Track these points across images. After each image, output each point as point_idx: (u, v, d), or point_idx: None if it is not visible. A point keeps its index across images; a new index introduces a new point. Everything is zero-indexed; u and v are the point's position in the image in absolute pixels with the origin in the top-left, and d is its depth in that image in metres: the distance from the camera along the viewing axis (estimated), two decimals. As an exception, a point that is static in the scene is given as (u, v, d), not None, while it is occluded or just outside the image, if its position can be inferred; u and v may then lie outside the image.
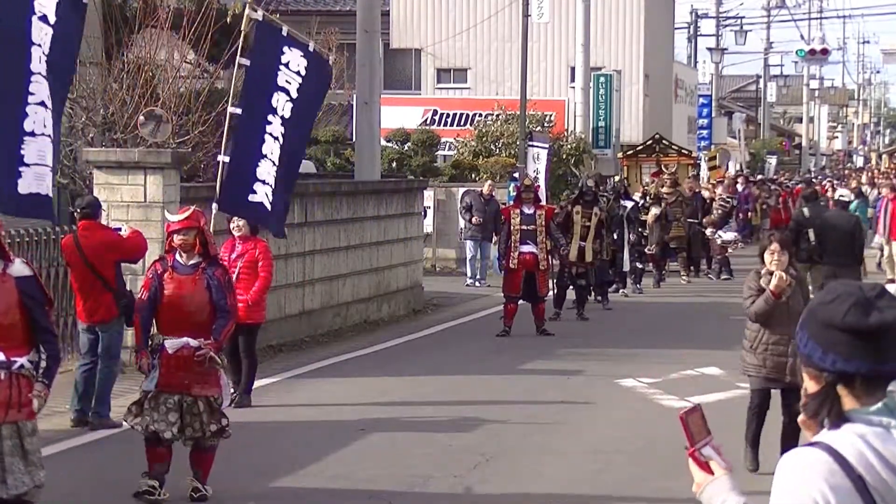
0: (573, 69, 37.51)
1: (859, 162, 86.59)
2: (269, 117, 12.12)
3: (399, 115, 34.75)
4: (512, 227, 18.50)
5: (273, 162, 12.08)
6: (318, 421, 12.61)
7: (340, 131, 33.90)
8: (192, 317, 9.43)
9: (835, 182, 46.92)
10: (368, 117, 22.18)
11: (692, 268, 27.97)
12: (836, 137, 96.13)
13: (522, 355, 16.68)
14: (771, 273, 10.16)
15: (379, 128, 22.94)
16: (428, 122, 37.64)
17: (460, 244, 27.47)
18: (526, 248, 18.35)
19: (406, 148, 31.94)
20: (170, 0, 18.97)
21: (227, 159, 12.04)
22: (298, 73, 12.30)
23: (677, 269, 27.46)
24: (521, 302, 18.49)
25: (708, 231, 27.60)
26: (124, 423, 9.68)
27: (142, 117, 15.34)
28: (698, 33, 58.19)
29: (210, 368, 9.40)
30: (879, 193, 31.48)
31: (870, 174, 54.40)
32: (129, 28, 18.22)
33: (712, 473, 3.37)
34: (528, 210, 18.58)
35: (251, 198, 12.05)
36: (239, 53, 12.54)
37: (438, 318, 21.21)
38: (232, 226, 13.25)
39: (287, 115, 12.20)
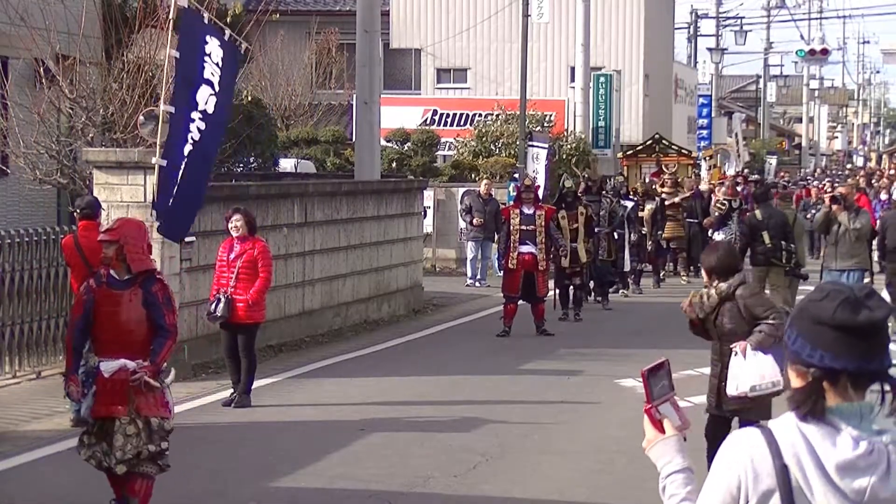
0: (573, 69, 37.52)
1: (859, 162, 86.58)
2: (192, 114, 11.19)
3: (399, 115, 34.78)
4: (511, 228, 18.49)
5: (186, 162, 11.17)
6: (318, 421, 12.62)
7: (340, 131, 33.91)
8: (128, 336, 8.50)
9: (835, 182, 46.84)
10: (368, 117, 22.18)
11: (692, 268, 27.97)
12: (836, 137, 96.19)
13: (522, 355, 16.68)
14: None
15: (379, 128, 22.93)
16: (428, 122, 37.66)
17: (460, 244, 27.47)
18: (525, 249, 18.34)
19: (406, 148, 31.94)
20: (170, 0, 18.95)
21: (163, 163, 11.02)
22: (218, 63, 11.32)
23: (677, 270, 27.47)
24: (521, 302, 18.49)
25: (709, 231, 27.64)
26: (79, 454, 8.79)
27: (142, 117, 15.34)
28: (698, 33, 58.24)
29: (154, 392, 8.50)
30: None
31: (866, 174, 54.36)
32: (129, 28, 18.22)
33: (664, 432, 3.45)
34: (527, 210, 18.57)
35: (171, 203, 11.16)
36: (168, 45, 11.58)
37: (438, 318, 21.21)
38: (230, 226, 13.23)
39: (210, 110, 11.25)
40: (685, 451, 3.47)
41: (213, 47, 11.21)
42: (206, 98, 11.16)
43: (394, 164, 30.62)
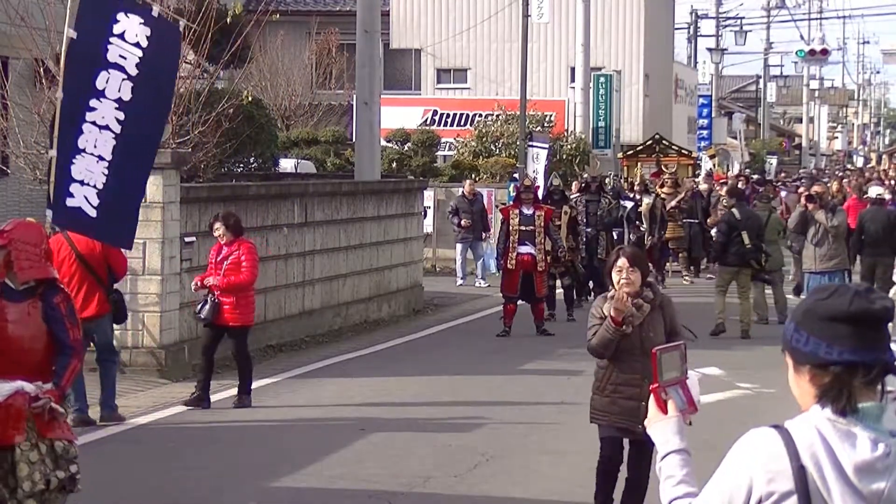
0: (573, 69, 37.55)
1: (859, 162, 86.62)
2: (92, 102, 10.15)
3: (399, 115, 34.78)
4: (511, 228, 18.48)
5: (98, 157, 10.18)
6: (318, 421, 12.62)
7: (340, 131, 33.91)
8: (26, 355, 7.26)
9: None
10: (368, 117, 22.18)
11: (692, 268, 27.98)
12: (836, 138, 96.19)
13: (522, 355, 16.68)
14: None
15: (379, 128, 22.94)
16: (428, 122, 37.66)
17: (460, 244, 27.51)
18: (524, 249, 18.32)
19: (406, 148, 31.95)
20: (170, 0, 18.94)
21: (54, 153, 10.11)
22: (138, 44, 10.24)
23: (679, 270, 27.47)
24: (520, 302, 18.48)
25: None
26: None
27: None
28: (698, 33, 58.28)
29: (58, 418, 7.30)
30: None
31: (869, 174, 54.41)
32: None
33: (666, 413, 3.50)
34: (527, 211, 18.56)
35: (68, 202, 10.14)
36: (66, 24, 10.56)
37: (438, 318, 21.21)
38: (214, 234, 13.24)
39: (127, 97, 10.21)
40: (684, 432, 3.49)
41: (131, 25, 10.24)
42: (117, 85, 10.18)
43: (394, 165, 30.62)
